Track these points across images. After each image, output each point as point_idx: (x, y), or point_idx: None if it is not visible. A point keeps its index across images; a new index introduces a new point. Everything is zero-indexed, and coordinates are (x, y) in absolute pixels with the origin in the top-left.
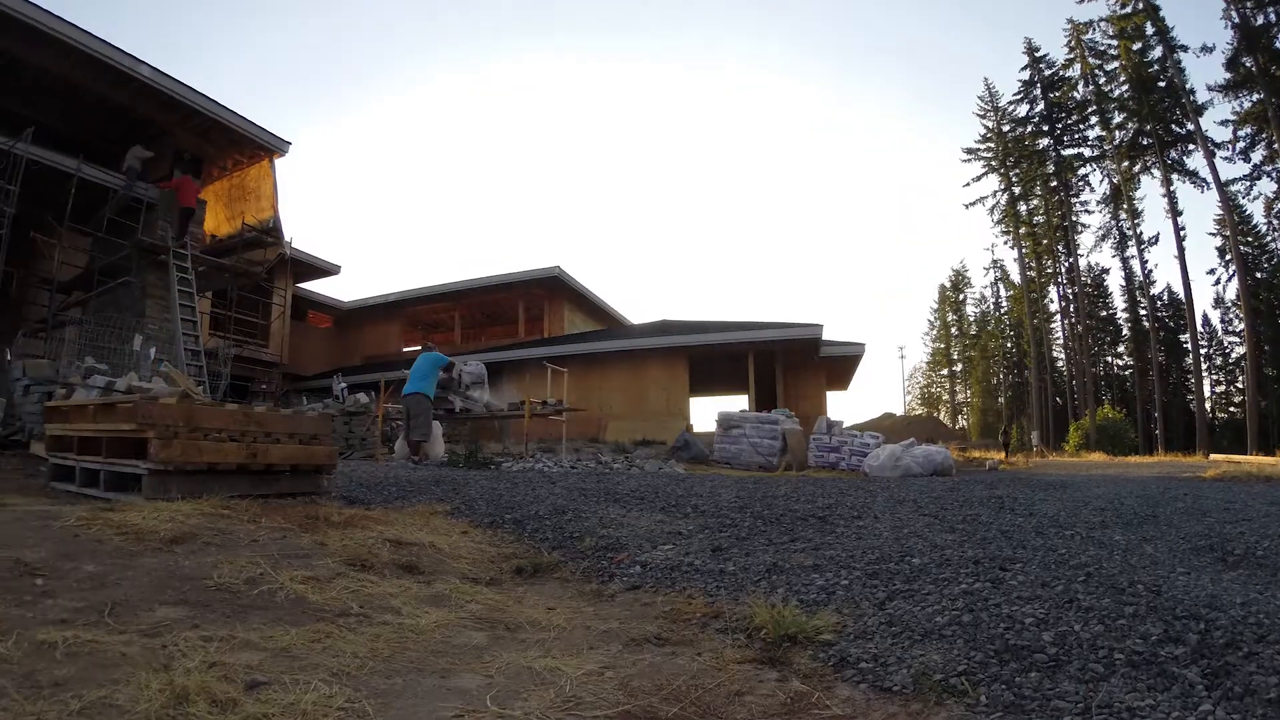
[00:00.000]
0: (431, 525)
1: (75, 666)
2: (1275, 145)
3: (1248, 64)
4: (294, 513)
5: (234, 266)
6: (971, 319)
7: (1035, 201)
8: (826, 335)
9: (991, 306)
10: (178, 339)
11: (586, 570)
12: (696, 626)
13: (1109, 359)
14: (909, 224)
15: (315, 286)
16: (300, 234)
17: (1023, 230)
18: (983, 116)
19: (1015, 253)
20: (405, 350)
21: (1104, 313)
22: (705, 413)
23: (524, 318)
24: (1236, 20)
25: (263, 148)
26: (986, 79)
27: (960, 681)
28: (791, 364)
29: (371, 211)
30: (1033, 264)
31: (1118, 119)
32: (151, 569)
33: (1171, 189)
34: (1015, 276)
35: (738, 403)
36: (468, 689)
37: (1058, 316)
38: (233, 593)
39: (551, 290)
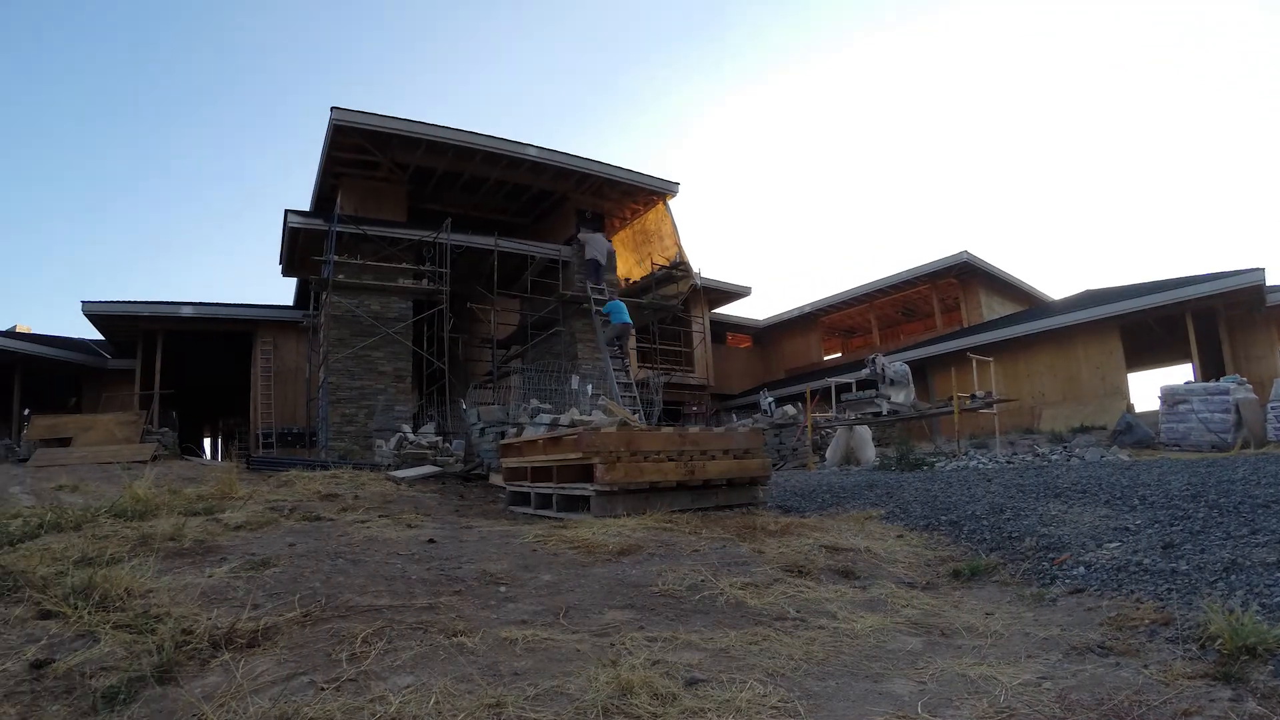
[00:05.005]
0: (866, 530)
1: (532, 660)
2: None
3: None
4: (731, 523)
5: (651, 303)
6: None
7: None
8: (1270, 279)
9: None
10: (609, 374)
11: (1026, 572)
12: (1144, 634)
13: None
14: None
15: (729, 310)
16: (708, 262)
17: None
18: None
19: None
20: (826, 359)
21: None
22: (1147, 388)
23: (939, 309)
24: None
25: (655, 192)
26: None
27: None
28: (1235, 320)
29: (769, 219)
30: None
31: None
32: (601, 578)
33: None
34: None
35: (1181, 374)
36: (899, 694)
37: None
38: (675, 598)
39: (963, 277)
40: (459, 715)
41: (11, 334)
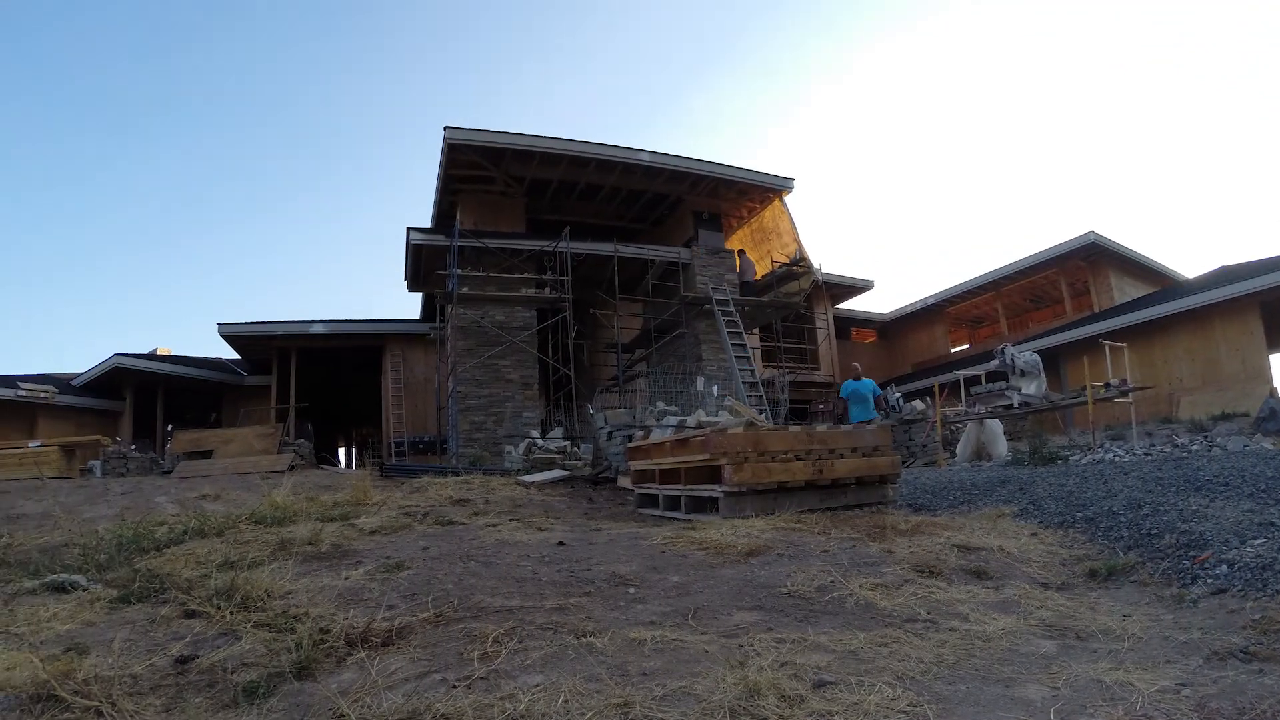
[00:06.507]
0: (999, 528)
1: (660, 660)
2: None
3: None
4: (861, 523)
5: (773, 302)
6: None
7: None
8: None
9: None
10: (735, 375)
11: (1166, 571)
12: None
13: None
14: None
15: (852, 305)
16: (828, 256)
17: None
18: None
19: None
20: (953, 351)
21: None
22: None
23: (1068, 294)
24: None
25: (770, 190)
26: None
27: None
28: None
29: (885, 207)
30: None
31: None
32: (729, 579)
33: None
34: None
35: None
36: (1031, 700)
37: None
38: (804, 599)
39: (1091, 259)
40: (587, 714)
41: (153, 356)
